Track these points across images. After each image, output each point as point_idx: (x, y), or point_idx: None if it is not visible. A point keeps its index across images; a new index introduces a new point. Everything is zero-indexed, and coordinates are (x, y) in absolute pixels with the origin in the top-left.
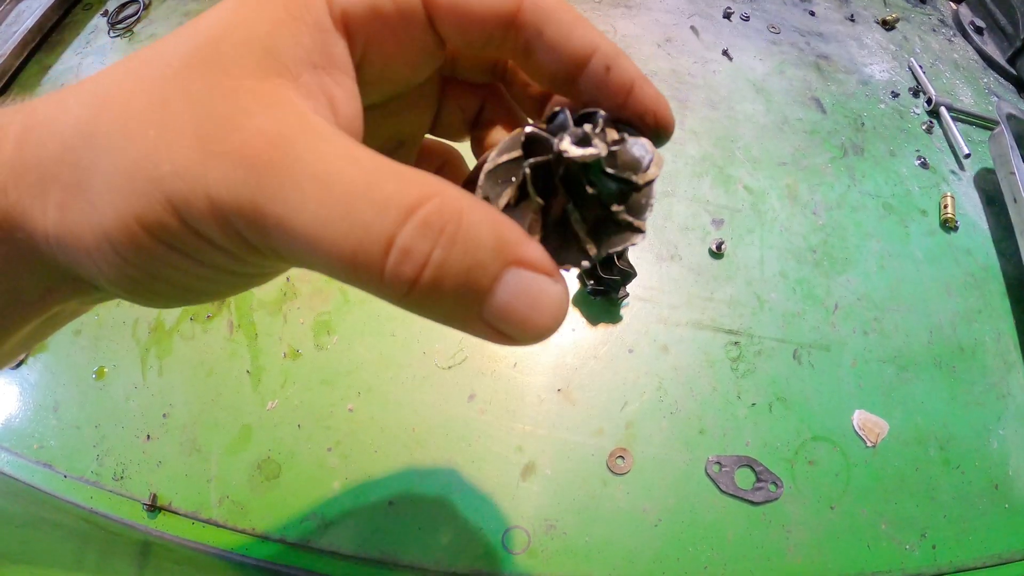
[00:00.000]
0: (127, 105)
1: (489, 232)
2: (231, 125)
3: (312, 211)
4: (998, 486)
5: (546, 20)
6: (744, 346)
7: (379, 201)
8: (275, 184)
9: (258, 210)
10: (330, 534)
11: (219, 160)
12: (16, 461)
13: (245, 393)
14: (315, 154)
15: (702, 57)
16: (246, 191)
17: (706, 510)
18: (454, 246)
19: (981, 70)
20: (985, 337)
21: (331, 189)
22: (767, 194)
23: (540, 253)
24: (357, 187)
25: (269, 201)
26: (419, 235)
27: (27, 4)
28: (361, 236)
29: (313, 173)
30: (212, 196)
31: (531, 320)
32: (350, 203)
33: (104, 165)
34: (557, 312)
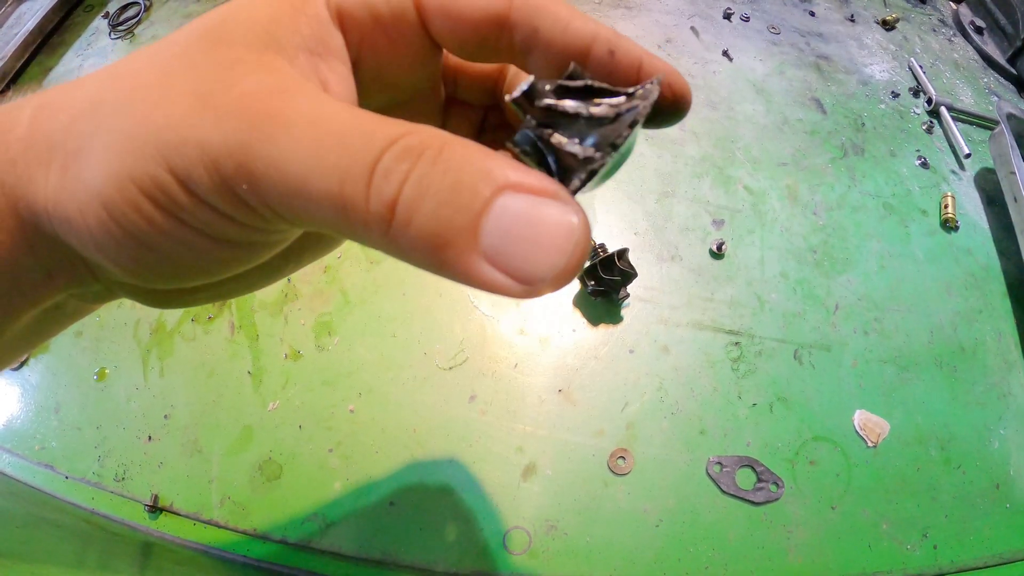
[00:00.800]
0: (134, 78)
1: (477, 156)
2: (228, 83)
3: (301, 149)
4: (999, 486)
5: (539, 16)
6: (745, 346)
7: (364, 134)
8: (267, 126)
9: (248, 152)
10: (331, 535)
11: (213, 111)
12: (17, 462)
13: (246, 394)
14: (306, 102)
15: (702, 58)
16: (237, 136)
17: (707, 510)
18: (435, 165)
19: (981, 70)
20: (986, 337)
21: (319, 128)
22: (767, 194)
23: (540, 177)
24: (345, 126)
25: (260, 143)
26: (399, 157)
27: (28, 6)
28: (346, 166)
29: (303, 115)
30: (203, 143)
31: (537, 249)
32: (337, 139)
33: (105, 129)
34: (568, 241)
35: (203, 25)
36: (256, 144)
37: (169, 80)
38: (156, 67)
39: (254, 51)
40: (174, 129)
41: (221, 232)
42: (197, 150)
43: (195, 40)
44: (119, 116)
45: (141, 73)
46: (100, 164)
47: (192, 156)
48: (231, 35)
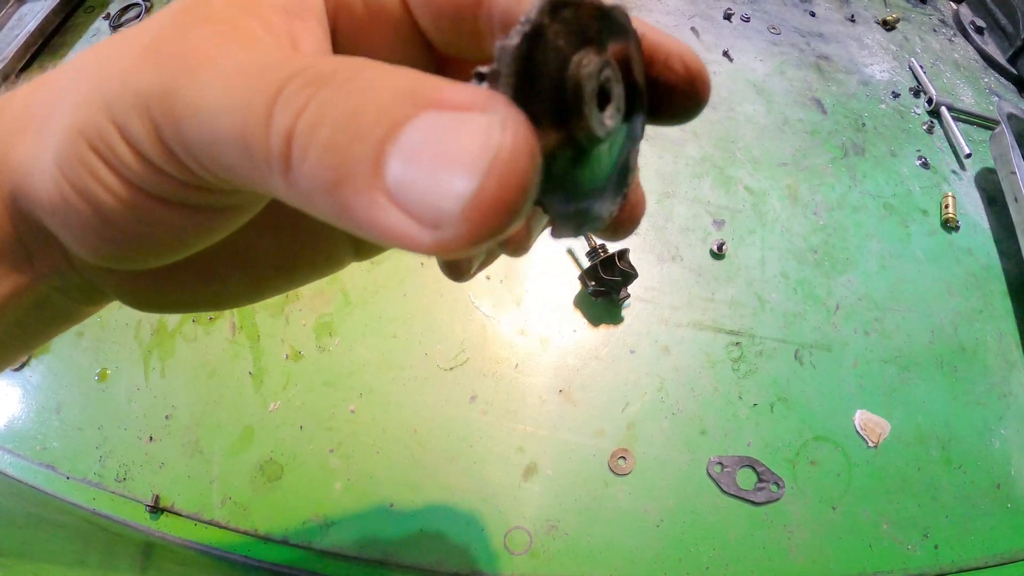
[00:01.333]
0: (109, 48)
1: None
2: (182, 35)
3: (215, 86)
4: (1000, 486)
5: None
6: (745, 347)
7: (276, 65)
8: (189, 69)
9: (173, 94)
10: (332, 535)
11: (154, 58)
12: (19, 462)
13: (247, 394)
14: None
15: (702, 58)
16: (167, 79)
17: (708, 511)
18: (340, 88)
19: (982, 70)
20: (987, 337)
21: (240, 65)
22: (768, 195)
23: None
24: (265, 59)
25: (183, 84)
26: (304, 84)
27: (29, 7)
28: (249, 99)
29: (232, 55)
30: (139, 88)
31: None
32: (250, 73)
33: (71, 90)
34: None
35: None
36: (180, 86)
37: (135, 38)
38: (133, 32)
39: (223, 10)
40: (118, 77)
41: (161, 189)
42: (133, 96)
43: (175, 8)
44: (83, 75)
45: (119, 39)
46: (58, 123)
47: (129, 102)
48: (208, 2)
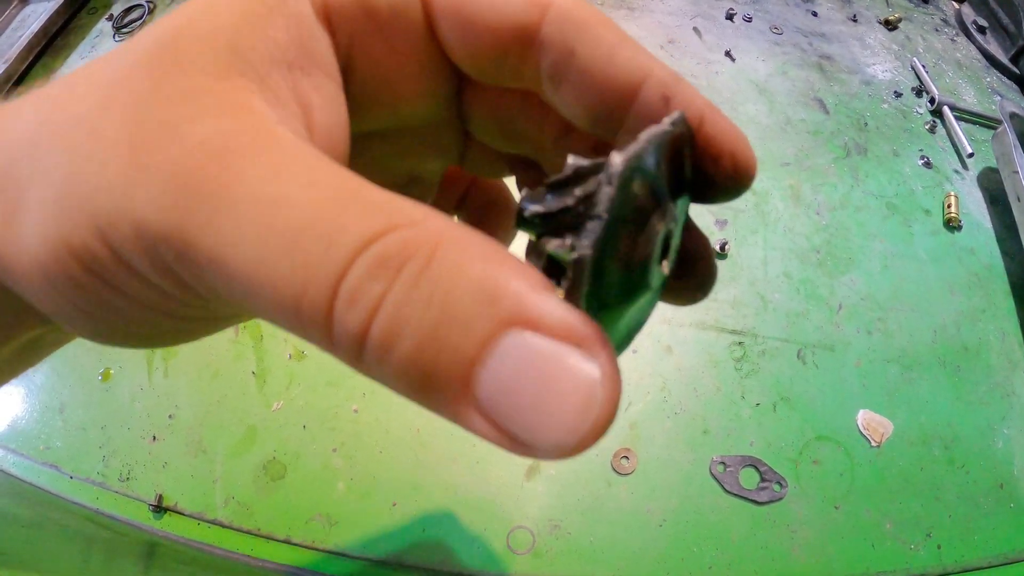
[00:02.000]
0: (72, 110)
1: (476, 273)
2: (170, 133)
3: (249, 245)
4: (1003, 485)
5: (578, 36)
6: (748, 346)
7: (326, 235)
8: (207, 209)
9: (187, 240)
10: (335, 535)
11: (149, 175)
12: (22, 462)
13: (250, 394)
14: (263, 171)
15: (705, 58)
16: (174, 216)
17: (710, 510)
18: (417, 287)
19: (984, 69)
20: (989, 336)
21: (273, 217)
22: (770, 195)
23: (563, 311)
24: (306, 215)
25: (199, 230)
26: (372, 273)
27: (32, 8)
28: (305, 277)
29: (255, 196)
30: (138, 219)
31: (543, 415)
32: (295, 235)
33: (41, 176)
34: (586, 411)
35: (155, 34)
36: (195, 230)
37: (107, 118)
38: (96, 95)
39: (212, 75)
40: (106, 195)
41: (166, 308)
42: (131, 227)
43: (144, 57)
44: (52, 167)
45: (78, 104)
46: (36, 224)
47: (126, 233)
48: (185, 52)
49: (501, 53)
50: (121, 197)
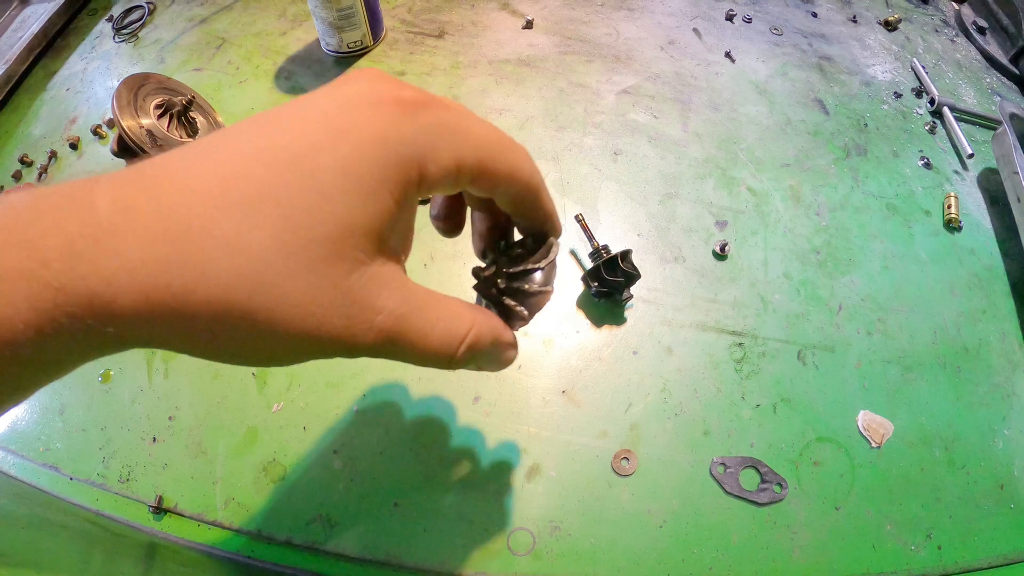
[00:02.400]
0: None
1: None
2: (369, 307)
3: (438, 331)
4: (1004, 486)
5: (534, 191)
6: (748, 347)
7: (456, 333)
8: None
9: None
10: (336, 536)
11: (367, 331)
12: (22, 463)
13: (250, 395)
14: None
15: (704, 59)
16: (387, 342)
17: (711, 511)
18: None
19: (984, 70)
20: (990, 337)
21: (443, 319)
22: (770, 196)
23: (511, 336)
24: (449, 316)
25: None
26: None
27: (32, 9)
28: (445, 350)
29: (422, 326)
30: (366, 347)
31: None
32: (447, 326)
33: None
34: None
35: (327, 229)
36: (409, 332)
37: (317, 293)
38: (299, 274)
39: (377, 261)
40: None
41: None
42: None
43: (329, 247)
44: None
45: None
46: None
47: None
48: (358, 247)
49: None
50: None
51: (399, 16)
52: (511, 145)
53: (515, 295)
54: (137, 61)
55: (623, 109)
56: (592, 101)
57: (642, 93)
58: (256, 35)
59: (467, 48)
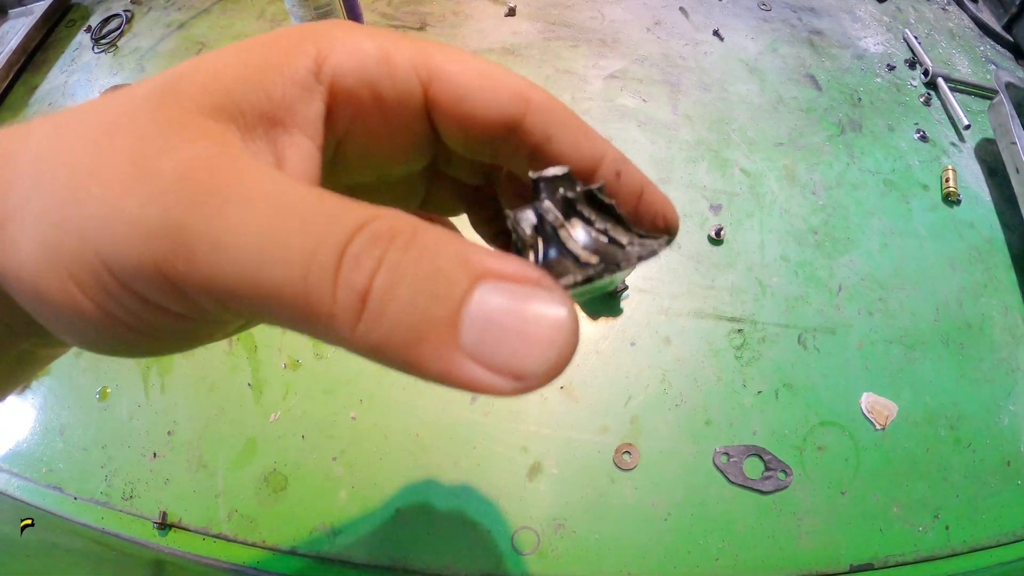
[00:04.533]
0: (78, 132)
1: (452, 241)
2: (166, 148)
3: (255, 228)
4: (1010, 463)
5: (553, 127)
6: (748, 333)
7: (329, 216)
8: (212, 201)
9: (188, 232)
10: (340, 543)
11: (150, 181)
12: (26, 485)
13: (247, 406)
14: (258, 175)
15: (693, 39)
16: (174, 212)
17: (715, 502)
18: (407, 251)
19: (977, 38)
20: (992, 311)
21: (277, 204)
22: (765, 176)
23: (518, 263)
24: (305, 203)
25: (203, 220)
26: (370, 242)
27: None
28: (311, 250)
29: (255, 190)
30: (134, 220)
31: (526, 342)
32: (299, 219)
33: (42, 191)
34: (559, 332)
35: (161, 79)
36: (198, 221)
37: (109, 140)
38: (101, 123)
39: (204, 114)
40: (105, 202)
41: (159, 324)
42: (126, 228)
43: (146, 94)
44: (55, 177)
45: (86, 127)
46: (33, 237)
47: (121, 235)
48: (184, 92)
49: (491, 140)
50: (118, 200)
51: (379, 10)
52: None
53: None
54: (117, 71)
55: (611, 94)
56: (579, 88)
57: (630, 77)
58: (235, 37)
59: (449, 39)
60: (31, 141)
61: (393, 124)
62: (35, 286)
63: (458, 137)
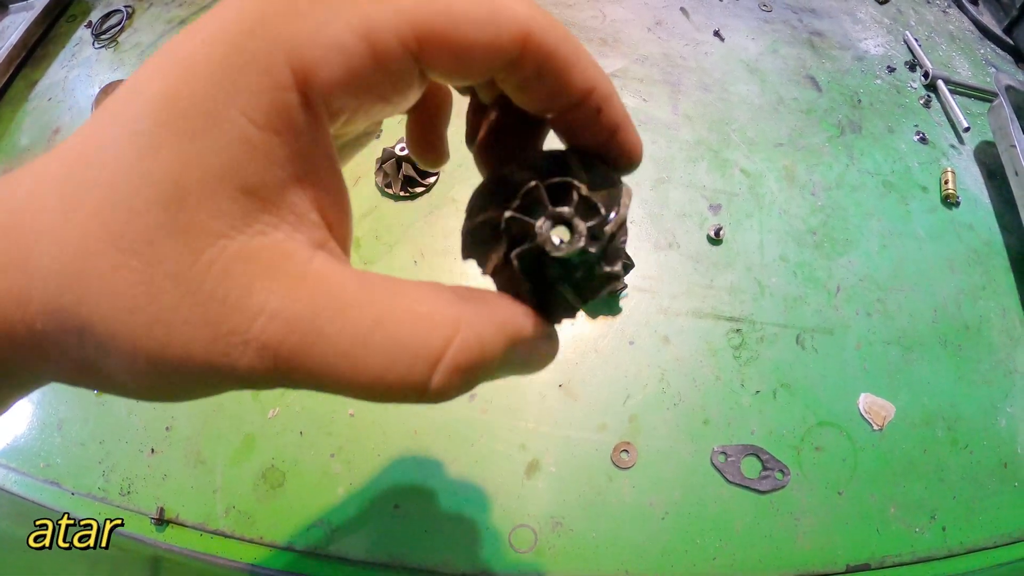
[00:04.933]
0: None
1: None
2: (240, 311)
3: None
4: (1007, 464)
5: (548, 58)
6: (746, 333)
7: (409, 350)
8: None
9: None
10: (337, 540)
11: (243, 349)
12: (24, 480)
13: (246, 402)
14: (337, 322)
15: (693, 39)
16: (282, 366)
17: (713, 501)
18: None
19: (977, 41)
20: (990, 313)
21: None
22: (764, 177)
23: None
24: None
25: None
26: (450, 377)
27: (11, 19)
28: (403, 379)
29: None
30: (246, 374)
31: (530, 364)
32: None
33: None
34: (552, 355)
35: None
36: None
37: (154, 291)
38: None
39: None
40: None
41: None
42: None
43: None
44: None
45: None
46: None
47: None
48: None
49: (484, 77)
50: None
51: None
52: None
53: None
54: (118, 67)
55: None
56: None
57: (630, 76)
58: None
59: None
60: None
61: (381, 91)
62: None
63: (451, 78)
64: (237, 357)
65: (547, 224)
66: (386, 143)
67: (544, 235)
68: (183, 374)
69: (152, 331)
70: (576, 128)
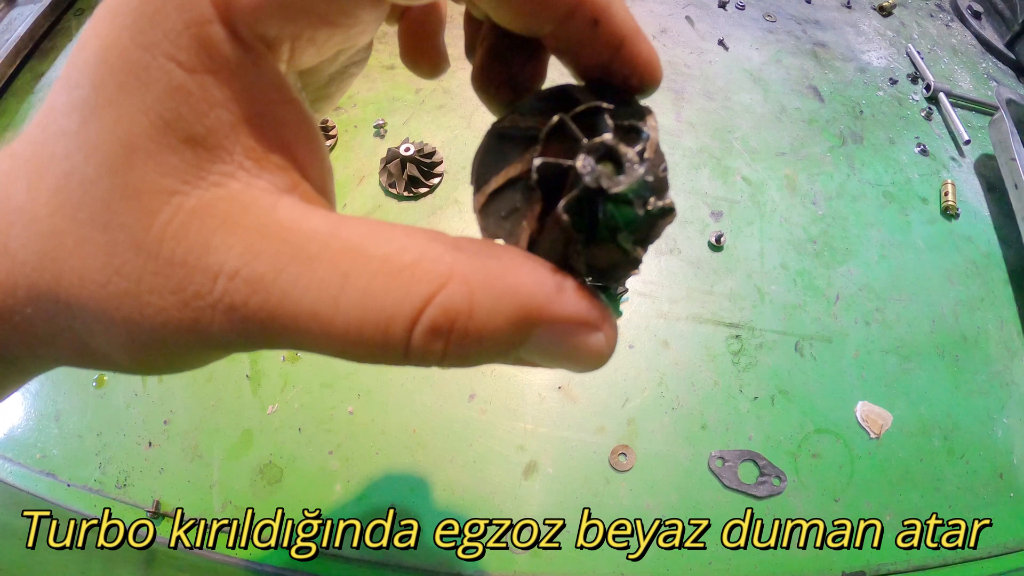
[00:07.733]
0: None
1: (508, 309)
2: (201, 272)
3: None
4: (1003, 475)
5: None
6: (745, 339)
7: (383, 304)
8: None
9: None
10: (334, 537)
11: (212, 313)
12: (19, 471)
13: (245, 398)
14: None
15: (698, 48)
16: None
17: (709, 506)
18: (465, 343)
19: (979, 55)
20: (988, 325)
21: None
22: (766, 185)
23: (573, 304)
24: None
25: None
26: (426, 339)
27: (19, 11)
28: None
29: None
30: (221, 338)
31: (575, 364)
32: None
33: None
34: (602, 356)
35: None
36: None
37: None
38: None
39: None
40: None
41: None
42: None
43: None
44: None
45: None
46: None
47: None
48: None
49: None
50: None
51: None
52: None
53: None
54: None
55: None
56: None
57: None
58: None
59: (452, 46)
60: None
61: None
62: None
63: None
64: (208, 323)
65: (589, 160)
66: (391, 143)
67: (597, 170)
68: (162, 344)
69: (123, 304)
70: (576, 49)
